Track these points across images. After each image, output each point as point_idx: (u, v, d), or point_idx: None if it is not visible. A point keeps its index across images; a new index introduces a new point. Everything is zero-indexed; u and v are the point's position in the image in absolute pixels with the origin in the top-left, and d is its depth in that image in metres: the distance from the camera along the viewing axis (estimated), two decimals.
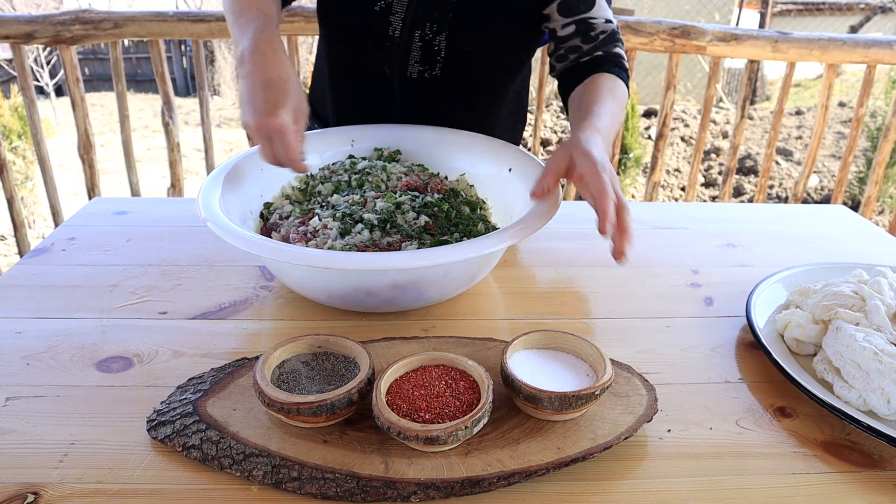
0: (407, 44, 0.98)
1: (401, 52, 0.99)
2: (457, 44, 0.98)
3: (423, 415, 0.56)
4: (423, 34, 0.97)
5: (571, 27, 0.97)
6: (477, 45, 0.99)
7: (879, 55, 2.17)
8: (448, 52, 0.98)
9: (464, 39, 0.98)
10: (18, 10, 7.05)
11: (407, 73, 1.01)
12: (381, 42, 0.99)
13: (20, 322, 0.76)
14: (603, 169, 0.73)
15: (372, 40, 0.99)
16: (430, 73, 1.01)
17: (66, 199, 3.07)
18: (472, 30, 0.97)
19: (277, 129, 0.75)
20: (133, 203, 1.12)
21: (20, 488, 0.53)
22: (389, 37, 0.98)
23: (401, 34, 0.97)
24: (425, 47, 0.98)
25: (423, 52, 0.99)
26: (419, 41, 0.98)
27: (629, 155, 3.89)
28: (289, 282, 0.78)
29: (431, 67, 1.00)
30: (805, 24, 7.73)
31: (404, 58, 0.99)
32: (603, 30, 0.97)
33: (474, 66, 1.01)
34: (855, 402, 0.63)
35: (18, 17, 2.02)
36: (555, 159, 0.76)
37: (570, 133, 0.84)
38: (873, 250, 1.02)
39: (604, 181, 0.71)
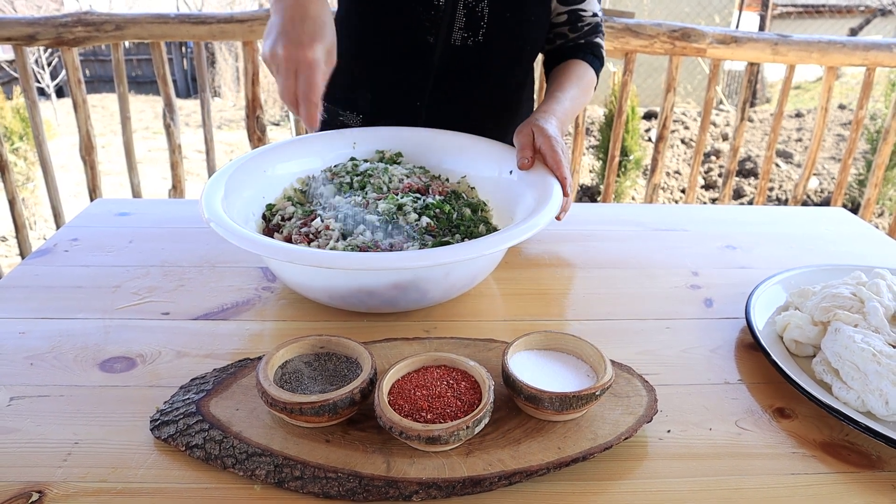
0: (452, 11, 1.01)
1: (446, 19, 1.02)
2: (498, 9, 1.02)
3: (424, 415, 0.56)
4: (466, 1, 1.01)
5: (564, 16, 1.10)
6: (515, 10, 1.03)
7: (879, 58, 2.17)
8: (490, 18, 1.02)
9: (504, 5, 1.02)
10: (20, 11, 7.06)
11: (451, 40, 1.04)
12: (427, 11, 1.02)
13: (24, 322, 0.77)
14: (556, 143, 0.88)
15: (415, 11, 1.02)
16: (473, 40, 1.04)
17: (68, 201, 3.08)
18: None
19: (309, 62, 0.73)
20: (135, 204, 1.12)
21: (24, 487, 0.54)
22: (435, 5, 1.01)
23: (446, 2, 1.01)
24: (469, 13, 1.02)
25: (467, 18, 1.02)
26: (463, 8, 1.01)
27: (629, 157, 3.90)
28: (291, 282, 0.78)
29: (475, 34, 1.03)
30: (805, 27, 7.74)
31: (449, 25, 1.02)
32: (589, 22, 1.10)
33: (515, 31, 1.06)
34: (853, 402, 0.63)
35: (20, 19, 2.03)
36: (523, 135, 0.90)
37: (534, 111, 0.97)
38: (872, 252, 1.02)
39: (557, 153, 0.86)
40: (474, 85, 1.09)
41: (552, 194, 0.80)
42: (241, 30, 2.10)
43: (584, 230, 1.06)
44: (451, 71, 1.06)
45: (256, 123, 2.26)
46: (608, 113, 3.84)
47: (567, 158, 0.88)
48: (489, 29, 1.03)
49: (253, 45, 2.17)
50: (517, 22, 1.05)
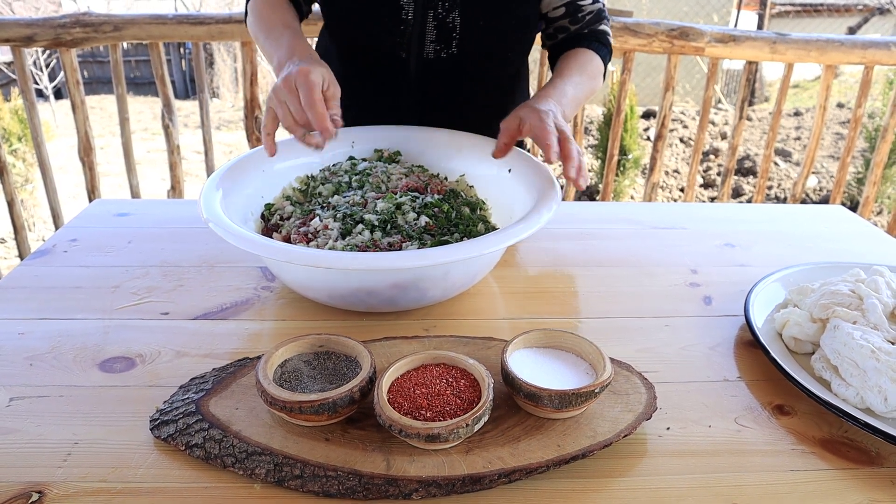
0: (421, 25, 0.99)
1: (416, 33, 1.00)
2: (471, 18, 0.99)
3: (424, 413, 0.56)
4: (436, 13, 0.98)
5: (562, 9, 1.05)
6: (490, 17, 1.00)
7: (877, 56, 2.17)
8: (463, 28, 0.99)
9: (477, 13, 0.99)
10: (18, 13, 7.05)
11: (423, 54, 1.02)
12: (396, 27, 1.00)
13: (23, 323, 0.77)
14: (546, 115, 0.82)
15: (386, 26, 1.00)
16: (446, 52, 1.01)
17: (66, 202, 3.08)
18: (483, 3, 0.98)
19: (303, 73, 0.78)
20: (134, 205, 1.12)
21: (25, 487, 0.54)
22: (403, 20, 0.99)
23: (414, 15, 0.99)
24: (440, 26, 0.99)
25: (438, 30, 1.00)
26: (433, 20, 0.99)
27: (628, 156, 3.90)
28: (290, 282, 0.78)
29: (447, 45, 1.01)
30: (803, 26, 7.74)
31: (420, 39, 1.00)
32: (590, 11, 1.06)
33: (489, 40, 1.03)
34: (852, 399, 0.63)
35: (18, 20, 2.02)
36: (507, 120, 0.86)
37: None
38: (871, 250, 1.02)
39: (546, 123, 0.81)
40: (456, 95, 1.07)
41: (551, 193, 0.80)
42: (240, 30, 2.10)
43: (583, 229, 1.06)
44: (429, 84, 1.05)
45: (255, 124, 2.26)
46: (607, 112, 3.84)
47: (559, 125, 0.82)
48: (462, 40, 1.00)
49: (251, 46, 2.17)
50: (492, 29, 1.01)
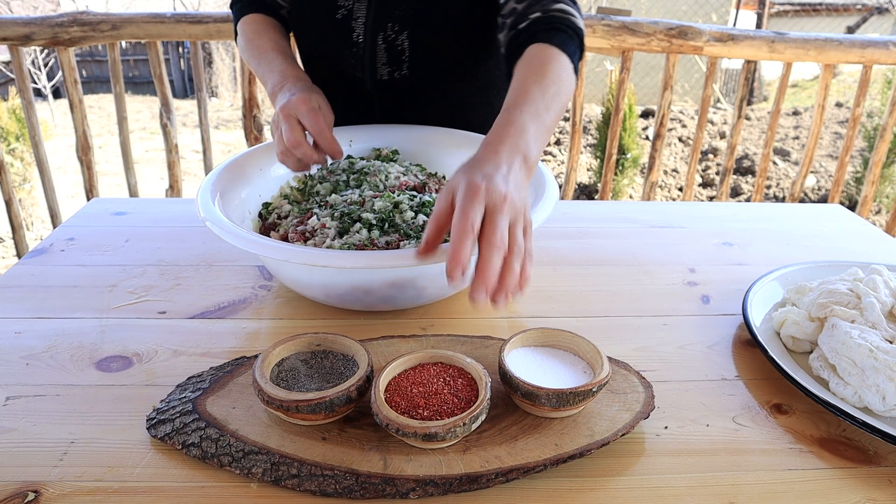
0: (371, 47, 0.98)
1: (367, 56, 0.99)
2: (419, 40, 0.97)
3: (421, 412, 0.56)
4: (385, 35, 0.97)
5: None
6: (439, 36, 0.97)
7: (876, 55, 2.17)
8: (412, 50, 0.98)
9: (426, 35, 0.97)
10: (16, 12, 7.04)
11: (378, 75, 1.01)
12: (348, 48, 0.99)
13: (20, 322, 0.76)
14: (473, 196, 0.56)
15: (338, 47, 1.00)
16: (399, 74, 1.00)
17: (65, 201, 3.07)
18: (431, 22, 0.96)
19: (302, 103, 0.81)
20: (132, 203, 1.12)
21: (20, 487, 0.54)
22: (354, 42, 0.98)
23: (364, 38, 0.98)
24: (389, 48, 0.98)
25: (388, 53, 0.98)
26: (383, 43, 0.97)
27: (627, 155, 3.90)
28: (287, 281, 0.78)
29: (398, 67, 0.99)
30: (802, 25, 7.75)
31: (371, 62, 0.99)
32: None
33: (441, 61, 1.00)
34: (850, 398, 0.63)
35: (16, 19, 2.02)
36: (438, 201, 0.60)
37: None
38: (869, 249, 1.02)
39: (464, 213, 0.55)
40: (418, 113, 1.05)
41: (547, 192, 0.80)
42: None
43: (581, 227, 1.06)
44: (390, 103, 1.05)
45: (253, 123, 2.25)
46: (605, 111, 3.84)
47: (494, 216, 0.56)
48: (413, 62, 0.99)
49: None
50: (444, 50, 0.99)
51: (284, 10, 1.07)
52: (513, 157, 0.63)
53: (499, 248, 0.55)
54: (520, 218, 0.59)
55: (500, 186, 0.58)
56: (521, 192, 0.61)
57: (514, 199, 0.58)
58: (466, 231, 0.54)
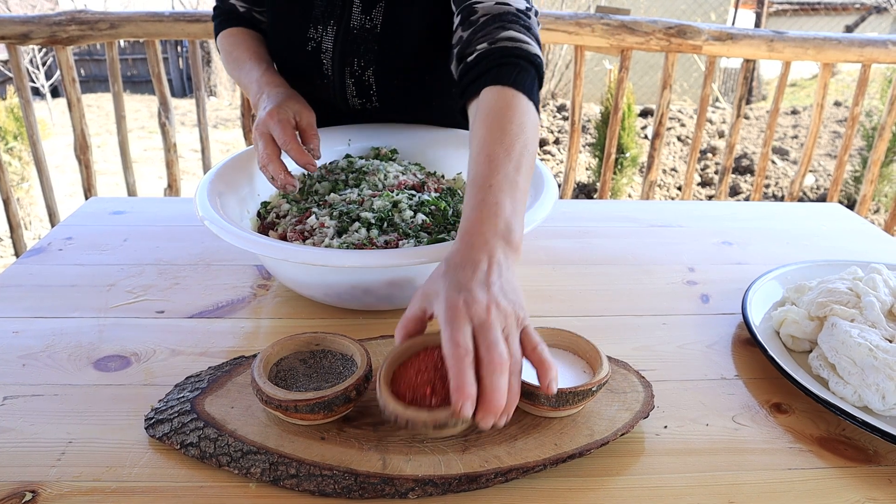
0: (341, 80, 0.98)
1: (337, 87, 1.00)
2: (385, 77, 0.97)
3: (429, 400, 0.52)
4: (352, 70, 0.97)
5: (458, 18, 0.81)
6: (404, 71, 0.98)
7: (874, 54, 2.17)
8: (379, 85, 0.98)
9: (390, 70, 0.97)
10: (14, 10, 7.03)
11: (350, 105, 1.02)
12: (319, 79, 1.00)
13: (17, 322, 0.76)
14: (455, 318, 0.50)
15: (310, 78, 1.00)
16: (370, 104, 1.01)
17: (63, 201, 3.07)
18: (396, 61, 0.97)
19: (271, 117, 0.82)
20: (130, 203, 1.12)
21: (18, 487, 0.53)
22: (324, 74, 0.99)
23: (332, 72, 0.98)
24: (357, 82, 0.98)
25: (356, 87, 0.99)
26: (350, 77, 0.98)
27: (626, 154, 3.90)
28: (286, 280, 0.78)
29: (368, 100, 1.01)
30: (801, 24, 7.75)
31: (342, 92, 1.00)
32: (485, 12, 0.77)
33: (409, 94, 1.01)
34: (850, 398, 0.63)
35: (14, 18, 2.02)
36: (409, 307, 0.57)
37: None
38: (868, 248, 1.02)
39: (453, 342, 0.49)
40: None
41: (548, 191, 0.80)
42: None
43: (580, 227, 1.06)
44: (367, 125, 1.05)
45: (252, 122, 2.25)
46: (604, 110, 3.84)
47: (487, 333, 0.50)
48: (381, 96, 1.00)
49: None
50: (410, 85, 0.99)
51: (264, 24, 1.06)
52: (493, 247, 0.56)
53: (501, 368, 0.49)
54: (511, 322, 0.52)
55: (481, 297, 0.52)
56: (508, 289, 0.54)
57: (501, 304, 0.52)
58: (461, 359, 0.48)
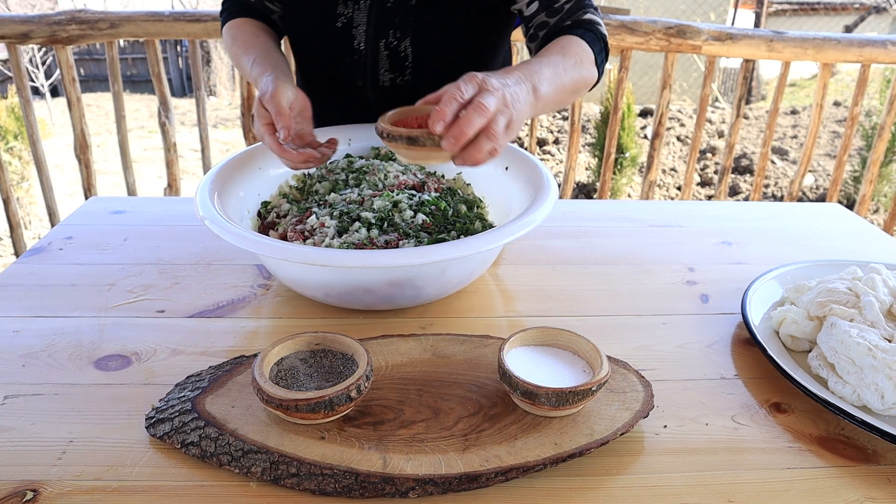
0: (374, 54, 0.98)
1: (369, 63, 0.99)
2: (423, 46, 0.97)
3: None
4: (387, 42, 0.96)
5: (535, 4, 0.94)
6: (442, 44, 0.98)
7: (874, 54, 2.18)
8: (415, 56, 0.97)
9: (429, 41, 0.97)
10: (13, 10, 7.03)
11: (379, 82, 1.01)
12: (349, 56, 0.99)
13: (18, 321, 0.76)
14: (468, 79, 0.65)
15: (339, 56, 0.99)
16: (401, 79, 1.00)
17: (63, 200, 3.07)
18: (435, 29, 0.96)
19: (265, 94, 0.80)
20: (130, 202, 1.12)
21: (19, 486, 0.53)
22: (355, 50, 0.98)
23: (366, 46, 0.97)
24: (392, 55, 0.97)
25: (390, 60, 0.98)
26: (385, 49, 0.97)
27: (625, 154, 3.90)
28: (286, 280, 0.78)
29: (401, 73, 0.99)
30: (800, 24, 7.75)
31: (373, 68, 0.99)
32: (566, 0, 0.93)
33: (444, 64, 1.00)
34: (849, 397, 0.63)
35: (14, 17, 2.02)
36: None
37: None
38: (867, 248, 1.02)
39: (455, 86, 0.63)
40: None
41: (547, 191, 0.80)
42: None
43: (580, 227, 1.06)
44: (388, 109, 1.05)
45: (252, 122, 2.25)
46: (604, 110, 3.84)
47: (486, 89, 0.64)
48: (416, 68, 0.99)
49: None
50: (447, 55, 0.99)
51: (276, 14, 1.06)
52: (521, 81, 0.69)
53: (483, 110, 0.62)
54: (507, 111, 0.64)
55: (495, 83, 0.65)
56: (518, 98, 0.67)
57: (507, 95, 0.65)
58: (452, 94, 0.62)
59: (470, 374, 0.66)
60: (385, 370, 0.66)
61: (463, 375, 0.66)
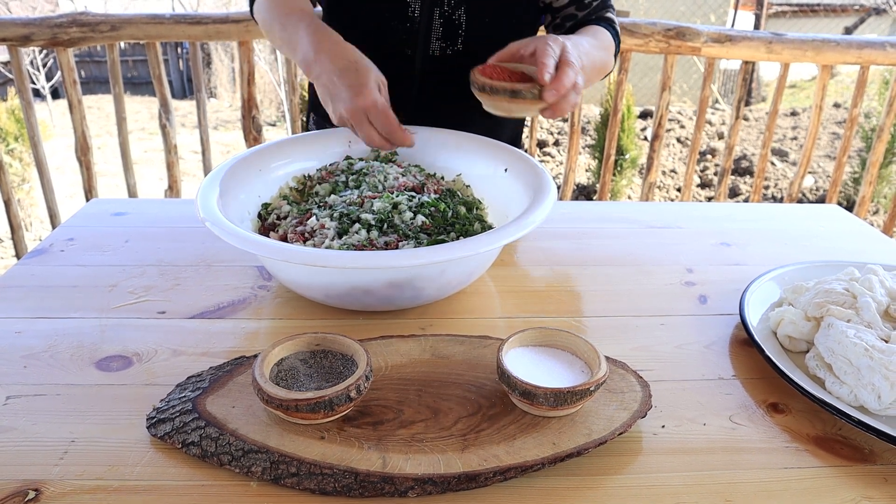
0: (428, 22, 0.99)
1: (422, 30, 1.00)
2: (476, 15, 1.00)
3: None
4: (442, 10, 0.98)
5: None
6: (495, 13, 1.01)
7: (873, 56, 2.18)
8: (469, 25, 1.00)
9: (482, 9, 1.00)
10: (15, 12, 7.04)
11: (429, 51, 1.02)
12: (402, 23, 1.00)
13: (20, 322, 0.77)
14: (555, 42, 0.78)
15: (392, 24, 1.00)
16: (452, 49, 1.02)
17: (64, 202, 3.07)
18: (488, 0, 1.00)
19: (370, 106, 0.80)
20: (131, 204, 1.12)
21: (21, 485, 0.54)
22: (410, 17, 0.99)
23: (421, 13, 0.99)
24: (446, 23, 0.99)
25: (444, 28, 1.00)
26: (440, 17, 0.99)
27: (625, 156, 3.90)
28: (287, 281, 0.78)
29: (453, 42, 1.01)
30: (800, 26, 7.76)
31: (426, 36, 1.01)
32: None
33: (495, 35, 1.02)
34: (846, 397, 0.64)
35: (15, 20, 2.02)
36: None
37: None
38: (866, 249, 1.02)
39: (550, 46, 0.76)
40: (461, 91, 1.03)
41: (547, 192, 0.80)
42: (237, 30, 2.10)
43: (579, 228, 1.07)
44: (433, 80, 1.05)
45: (252, 124, 2.26)
46: (604, 112, 3.85)
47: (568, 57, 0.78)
48: (468, 37, 1.01)
49: (248, 45, 2.17)
50: (498, 25, 1.02)
51: None
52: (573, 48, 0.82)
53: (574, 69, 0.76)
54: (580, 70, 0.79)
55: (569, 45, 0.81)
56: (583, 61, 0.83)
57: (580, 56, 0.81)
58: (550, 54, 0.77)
59: (469, 374, 0.66)
60: (384, 370, 0.67)
61: (462, 376, 0.66)
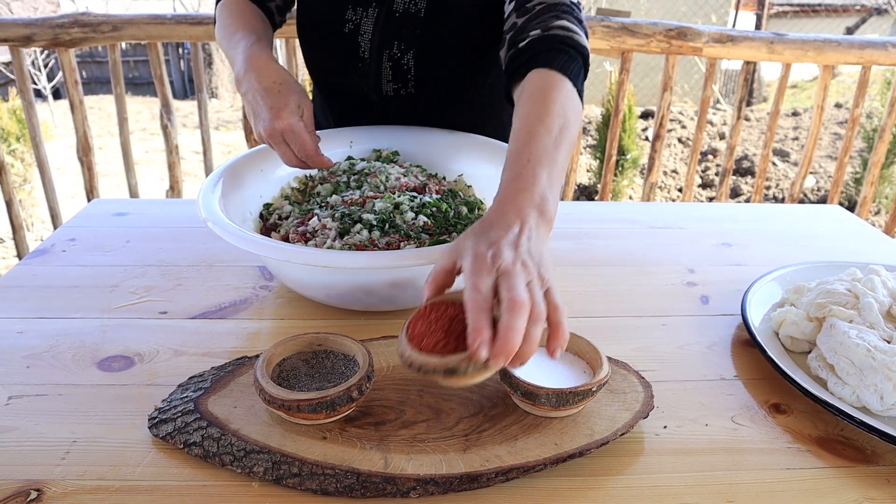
0: (377, 64, 0.97)
1: (373, 72, 0.99)
2: (425, 62, 0.97)
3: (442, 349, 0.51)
4: (391, 54, 0.96)
5: (512, 4, 0.84)
6: (446, 59, 0.97)
7: (874, 56, 2.18)
8: (417, 69, 0.97)
9: (432, 55, 0.96)
10: (16, 13, 7.05)
11: (383, 91, 1.01)
12: (353, 62, 0.99)
13: (21, 322, 0.77)
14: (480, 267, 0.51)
15: (344, 61, 0.99)
16: (405, 91, 1.00)
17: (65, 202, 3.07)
18: (437, 43, 0.96)
19: (287, 129, 0.78)
20: (133, 204, 1.12)
21: (23, 485, 0.54)
22: (360, 57, 0.98)
23: (370, 55, 0.97)
24: (395, 66, 0.97)
25: (393, 71, 0.98)
26: (388, 61, 0.97)
27: (626, 156, 3.90)
28: (288, 281, 0.78)
29: (404, 85, 0.99)
30: (801, 26, 7.75)
31: (377, 77, 0.99)
32: (541, 1, 0.81)
33: (446, 76, 1.00)
34: (848, 398, 0.64)
35: (17, 20, 2.02)
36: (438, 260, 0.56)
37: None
38: (868, 249, 1.02)
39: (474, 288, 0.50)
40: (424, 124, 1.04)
41: None
42: None
43: (581, 228, 1.06)
44: (396, 116, 1.04)
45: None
46: (605, 112, 3.85)
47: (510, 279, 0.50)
48: (418, 81, 0.98)
49: None
50: (450, 72, 0.99)
51: (273, 2, 1.04)
52: (526, 215, 0.57)
53: (519, 309, 0.48)
54: (535, 279, 0.52)
55: (508, 254, 0.52)
56: (536, 252, 0.54)
57: (528, 263, 0.52)
58: (480, 304, 0.49)
59: None
60: (386, 371, 0.67)
61: None
